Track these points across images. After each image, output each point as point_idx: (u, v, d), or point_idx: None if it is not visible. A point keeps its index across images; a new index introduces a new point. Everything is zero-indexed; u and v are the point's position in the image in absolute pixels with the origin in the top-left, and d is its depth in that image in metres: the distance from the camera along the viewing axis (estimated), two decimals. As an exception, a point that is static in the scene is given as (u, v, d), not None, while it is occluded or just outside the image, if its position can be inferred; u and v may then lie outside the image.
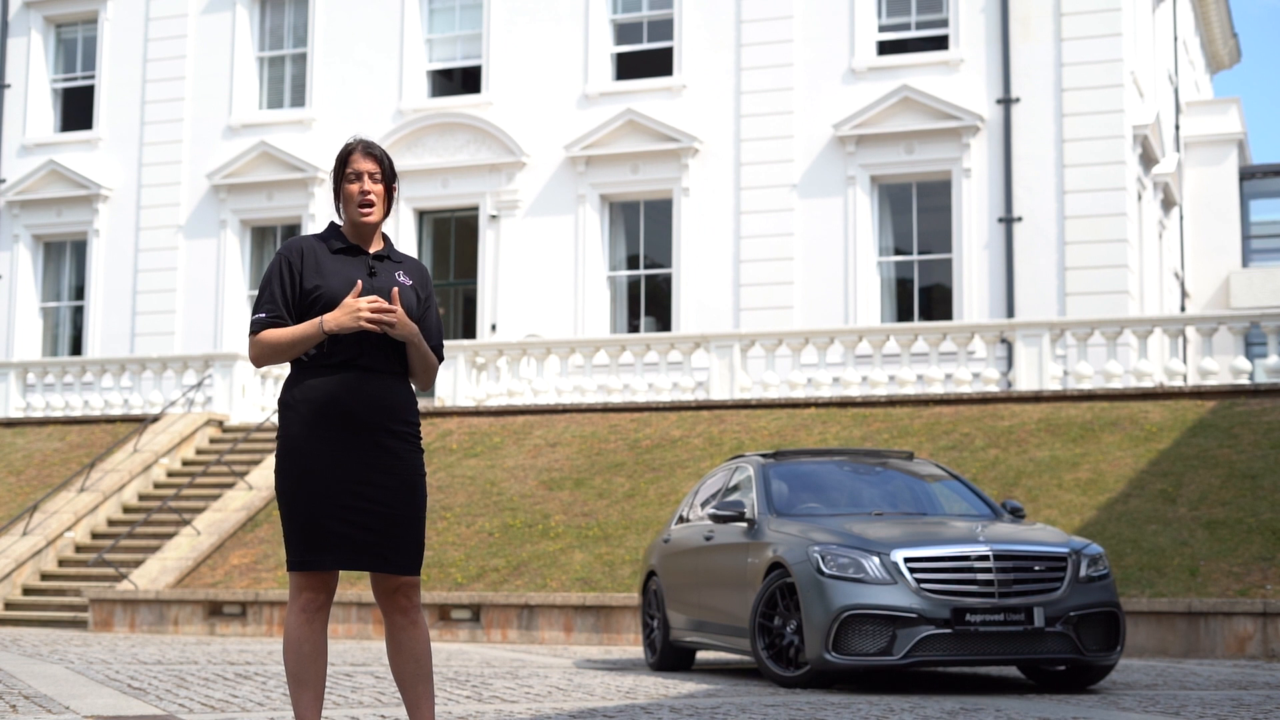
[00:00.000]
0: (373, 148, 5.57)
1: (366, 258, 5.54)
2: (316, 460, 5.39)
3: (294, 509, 5.42)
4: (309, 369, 5.46)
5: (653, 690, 10.21)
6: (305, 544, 5.41)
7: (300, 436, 5.42)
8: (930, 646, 10.06)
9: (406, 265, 5.63)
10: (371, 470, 5.41)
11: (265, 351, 5.46)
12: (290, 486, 5.42)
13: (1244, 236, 35.46)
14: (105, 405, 25.91)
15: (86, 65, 31.32)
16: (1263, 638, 14.65)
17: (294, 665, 5.44)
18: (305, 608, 5.46)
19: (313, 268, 5.48)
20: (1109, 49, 24.97)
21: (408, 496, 5.46)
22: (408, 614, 5.51)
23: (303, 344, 5.40)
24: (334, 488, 5.38)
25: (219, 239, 29.42)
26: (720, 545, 11.84)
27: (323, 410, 5.40)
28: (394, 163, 5.68)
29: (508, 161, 27.63)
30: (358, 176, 5.52)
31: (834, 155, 25.97)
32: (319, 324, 5.36)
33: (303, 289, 5.46)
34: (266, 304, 5.47)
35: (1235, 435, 18.29)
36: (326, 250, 5.53)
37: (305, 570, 5.44)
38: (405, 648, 5.51)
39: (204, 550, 20.05)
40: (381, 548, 5.42)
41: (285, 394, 5.50)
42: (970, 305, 24.91)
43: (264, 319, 5.45)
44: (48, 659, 12.70)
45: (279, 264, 5.50)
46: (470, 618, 17.57)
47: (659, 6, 27.58)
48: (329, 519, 5.38)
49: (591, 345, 23.74)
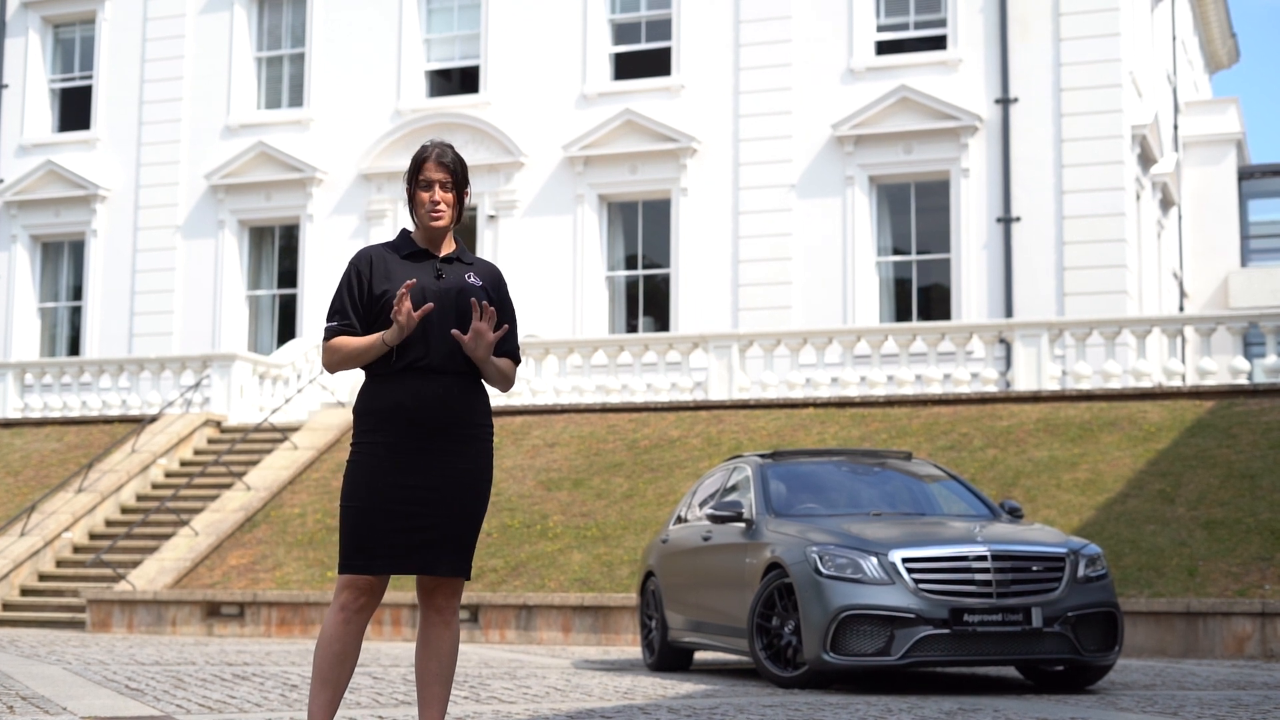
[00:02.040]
0: (445, 156, 5.63)
1: (434, 261, 5.62)
2: (378, 467, 5.48)
3: (350, 514, 5.51)
4: (378, 377, 5.58)
5: (651, 691, 10.20)
6: (355, 547, 5.47)
7: (366, 444, 5.53)
8: (928, 647, 10.05)
9: (478, 267, 5.71)
10: (431, 473, 5.48)
11: (337, 359, 5.60)
12: (352, 493, 5.52)
13: (1242, 236, 35.45)
14: (103, 406, 25.89)
15: (84, 65, 31.31)
16: (1261, 638, 14.64)
17: (322, 663, 5.48)
18: (345, 606, 5.50)
19: (382, 274, 5.58)
20: (1107, 49, 24.97)
21: (466, 497, 5.53)
22: (443, 614, 5.58)
23: (368, 355, 5.53)
24: (392, 494, 5.46)
25: (217, 239, 29.41)
26: (718, 545, 11.83)
27: (388, 417, 5.50)
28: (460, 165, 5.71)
29: (506, 162, 27.63)
30: (429, 185, 5.60)
31: (832, 155, 25.96)
32: (380, 338, 5.49)
33: (372, 295, 5.57)
34: (337, 313, 5.60)
35: (1234, 435, 18.29)
36: (396, 257, 5.63)
37: (351, 573, 5.50)
38: (433, 645, 5.57)
39: (202, 551, 20.03)
40: (431, 549, 5.48)
41: (357, 403, 5.64)
42: (969, 305, 24.91)
43: (335, 327, 5.58)
44: (45, 660, 12.69)
45: (349, 273, 5.62)
46: (468, 618, 17.56)
47: (657, 6, 27.57)
48: (383, 525, 5.45)
49: (590, 345, 23.73)
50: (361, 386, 5.66)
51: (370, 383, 5.60)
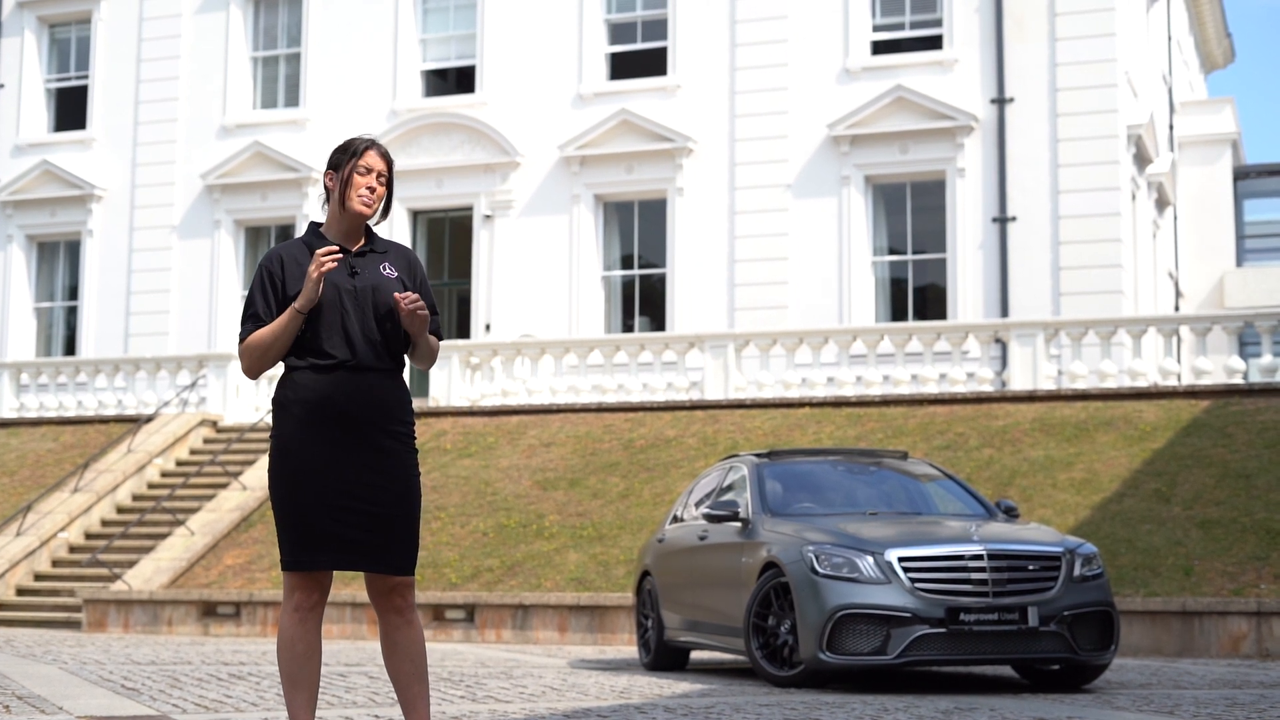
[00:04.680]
0: (384, 150, 5.61)
1: (347, 259, 5.52)
2: (309, 460, 5.40)
3: (286, 509, 5.43)
4: (301, 369, 5.46)
5: (647, 690, 10.21)
6: (298, 544, 5.41)
7: (293, 436, 5.43)
8: (924, 646, 10.06)
9: (392, 254, 5.64)
10: (364, 470, 5.42)
11: (253, 358, 5.46)
12: (282, 486, 5.43)
13: (1238, 236, 35.48)
14: (99, 405, 25.87)
15: (80, 65, 31.29)
16: (1257, 637, 14.66)
17: (287, 665, 5.44)
18: (298, 607, 5.46)
19: (294, 274, 5.48)
20: (1103, 49, 24.98)
21: (401, 496, 5.46)
22: (403, 614, 5.51)
23: (284, 334, 5.40)
24: (327, 487, 5.38)
25: (213, 239, 29.39)
26: (714, 545, 11.83)
27: (316, 409, 5.41)
28: (392, 166, 5.73)
29: (502, 161, 27.62)
30: (368, 171, 5.54)
31: (828, 155, 25.97)
32: (291, 309, 5.38)
33: (286, 295, 5.46)
34: (250, 317, 5.48)
35: (1229, 435, 18.31)
36: (307, 252, 5.53)
37: (298, 570, 5.44)
38: (400, 647, 5.51)
39: (198, 550, 20.03)
40: (375, 548, 5.42)
41: (278, 393, 5.51)
42: (965, 305, 24.92)
43: (250, 329, 5.46)
44: (41, 659, 12.68)
45: (260, 276, 5.51)
46: (464, 618, 17.56)
47: (653, 6, 27.57)
48: (321, 519, 5.38)
49: (586, 345, 23.73)
50: (281, 377, 5.53)
51: (292, 373, 5.47)
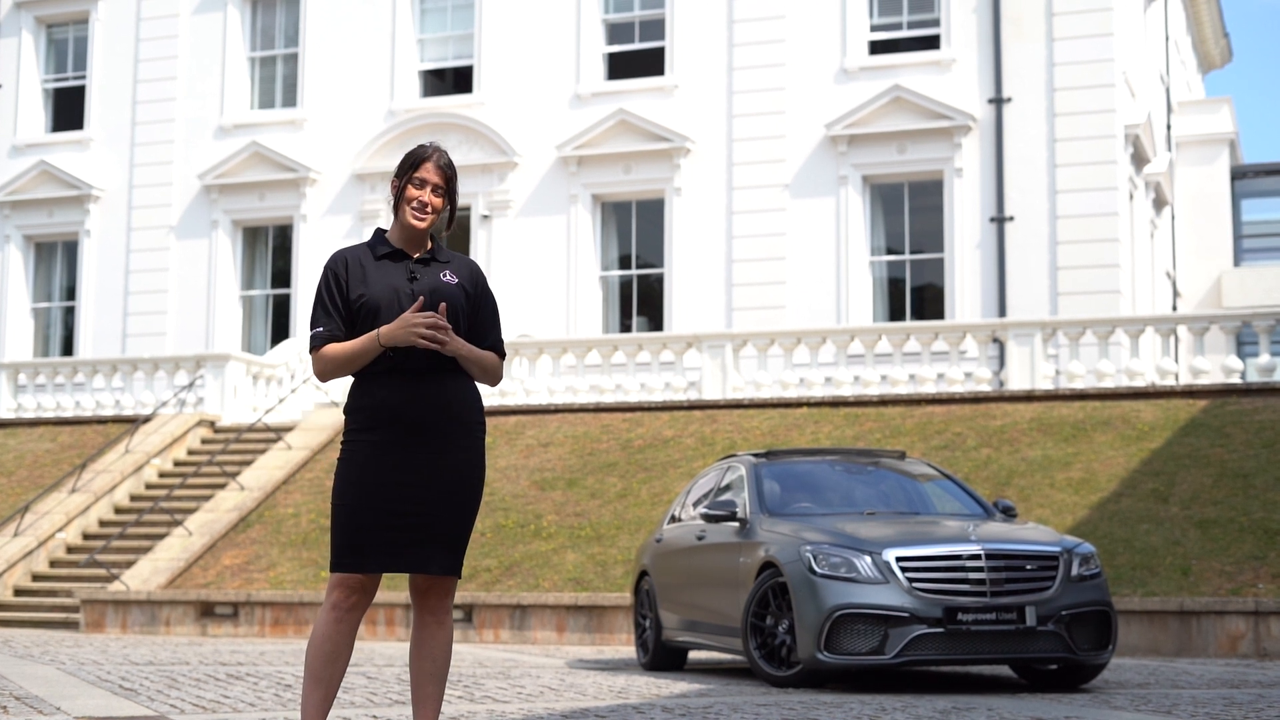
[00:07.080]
0: (443, 160, 5.66)
1: (408, 262, 5.60)
2: (369, 465, 5.48)
3: (341, 513, 5.51)
4: (367, 376, 5.55)
5: (645, 690, 10.20)
6: (347, 546, 5.47)
7: (356, 443, 5.52)
8: (922, 646, 10.06)
9: (454, 264, 5.68)
10: (421, 471, 5.48)
11: (328, 367, 5.56)
12: (342, 491, 5.52)
13: (1236, 236, 35.50)
14: (97, 406, 25.86)
15: (78, 65, 31.28)
16: (1255, 637, 14.67)
17: (313, 662, 5.48)
18: (337, 605, 5.50)
19: (358, 277, 5.57)
20: (1100, 49, 25.00)
21: (457, 495, 5.52)
22: (436, 614, 5.58)
23: (361, 358, 5.50)
24: (383, 492, 5.45)
25: (211, 239, 29.39)
26: (712, 545, 11.83)
27: (377, 415, 5.49)
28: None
29: (500, 162, 27.62)
30: (423, 184, 5.61)
31: (826, 155, 25.98)
32: (375, 337, 5.45)
33: (348, 298, 5.55)
34: (321, 319, 5.56)
35: (1227, 434, 18.32)
36: (371, 257, 5.62)
37: (343, 572, 5.49)
38: (426, 646, 5.58)
39: (196, 551, 20.02)
40: (423, 548, 5.48)
41: (348, 401, 5.62)
42: (962, 305, 24.93)
43: (321, 334, 5.54)
44: (39, 660, 12.67)
45: (325, 278, 5.60)
46: (463, 618, 17.56)
47: (650, 6, 27.57)
48: (374, 523, 5.45)
49: (584, 345, 23.73)
50: (351, 387, 5.66)
51: (360, 381, 5.59)
